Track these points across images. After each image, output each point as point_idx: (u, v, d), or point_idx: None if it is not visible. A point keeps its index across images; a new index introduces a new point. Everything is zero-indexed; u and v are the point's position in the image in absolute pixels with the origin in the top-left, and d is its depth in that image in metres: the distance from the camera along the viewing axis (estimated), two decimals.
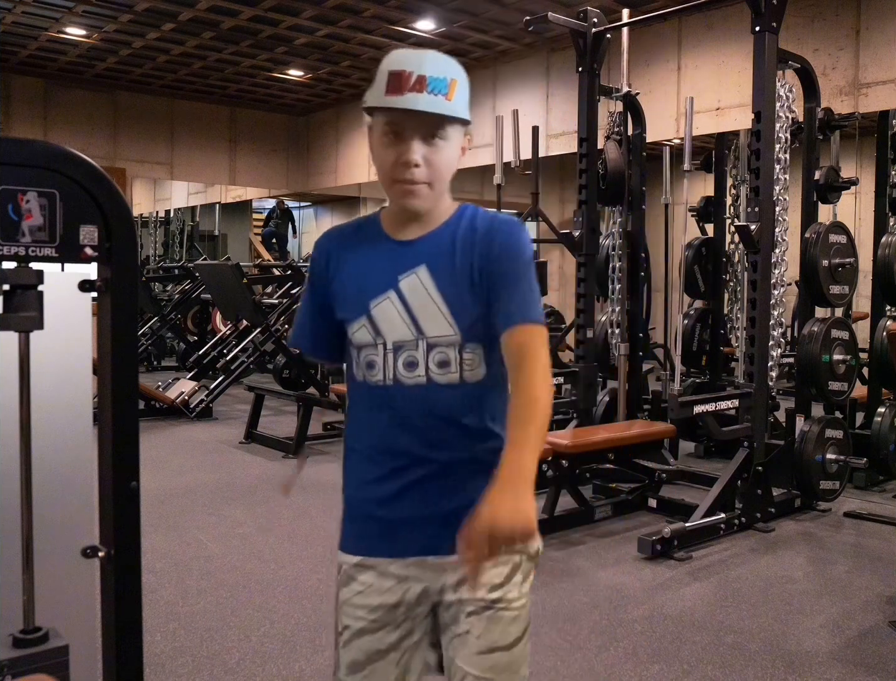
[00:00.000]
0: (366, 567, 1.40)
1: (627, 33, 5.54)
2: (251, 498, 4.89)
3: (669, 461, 5.06)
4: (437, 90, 1.29)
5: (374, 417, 1.40)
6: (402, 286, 1.36)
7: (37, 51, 9.07)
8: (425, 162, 1.32)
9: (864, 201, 7.76)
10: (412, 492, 1.37)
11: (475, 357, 1.37)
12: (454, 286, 1.36)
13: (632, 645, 2.97)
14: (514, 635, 1.38)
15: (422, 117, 1.30)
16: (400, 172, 1.32)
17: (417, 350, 1.35)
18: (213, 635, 2.99)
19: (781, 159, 4.63)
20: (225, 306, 8.63)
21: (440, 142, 1.32)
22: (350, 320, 1.39)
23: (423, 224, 1.39)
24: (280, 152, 11.88)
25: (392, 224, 1.41)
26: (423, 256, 1.37)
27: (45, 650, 1.43)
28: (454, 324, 1.35)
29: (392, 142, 1.32)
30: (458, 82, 1.33)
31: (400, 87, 1.29)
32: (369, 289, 1.38)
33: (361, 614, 1.39)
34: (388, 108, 1.31)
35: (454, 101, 1.32)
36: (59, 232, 1.42)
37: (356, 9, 7.56)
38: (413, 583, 1.38)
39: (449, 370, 1.35)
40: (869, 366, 5.69)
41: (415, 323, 1.35)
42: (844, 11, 6.52)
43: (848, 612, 3.29)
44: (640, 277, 5.64)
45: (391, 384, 1.36)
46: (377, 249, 1.41)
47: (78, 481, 1.62)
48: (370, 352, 1.37)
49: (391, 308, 1.36)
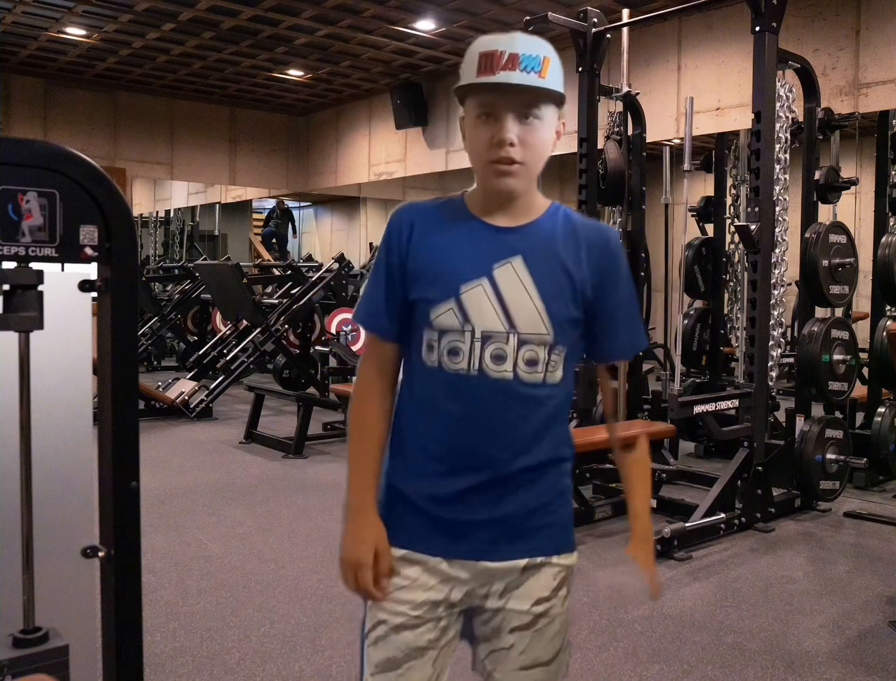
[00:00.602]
0: (411, 562, 1.34)
1: (627, 33, 5.54)
2: (251, 498, 4.89)
3: (669, 461, 5.06)
4: (530, 67, 1.25)
5: (443, 407, 1.32)
6: (496, 274, 1.30)
7: (37, 51, 9.07)
8: (520, 141, 1.27)
9: (864, 201, 7.76)
10: (474, 493, 1.32)
11: (559, 359, 1.33)
12: (551, 284, 1.31)
13: (632, 645, 2.96)
14: (555, 649, 1.39)
15: (516, 94, 1.26)
16: (494, 152, 1.27)
17: (507, 344, 1.30)
18: (213, 635, 2.99)
19: (781, 159, 4.63)
20: (225, 306, 8.62)
21: (535, 121, 1.28)
22: (434, 302, 1.31)
23: (515, 213, 1.34)
24: (280, 152, 11.88)
25: (483, 209, 1.34)
26: (519, 246, 1.32)
27: (45, 650, 1.43)
28: (549, 323, 1.31)
29: (485, 122, 1.28)
30: (551, 61, 1.28)
31: (492, 66, 1.25)
32: (460, 272, 1.31)
33: (403, 609, 1.33)
34: (482, 86, 1.27)
35: (548, 79, 1.27)
36: (59, 232, 1.42)
37: (356, 9, 7.56)
38: (459, 584, 1.34)
39: (536, 369, 1.31)
40: (869, 366, 5.69)
41: (507, 315, 1.30)
42: (844, 11, 6.52)
43: (848, 612, 3.29)
44: (640, 277, 5.64)
45: (475, 374, 1.30)
46: (468, 231, 1.34)
47: (78, 481, 1.62)
48: (455, 338, 1.30)
49: (483, 296, 1.30)
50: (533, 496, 1.34)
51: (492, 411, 1.31)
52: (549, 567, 1.37)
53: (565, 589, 1.40)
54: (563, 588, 1.39)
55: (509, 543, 1.34)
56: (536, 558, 1.36)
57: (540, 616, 1.35)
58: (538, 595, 1.35)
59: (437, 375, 1.32)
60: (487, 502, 1.32)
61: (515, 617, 1.35)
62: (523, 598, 1.35)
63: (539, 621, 1.36)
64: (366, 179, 11.09)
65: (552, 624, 1.37)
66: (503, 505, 1.33)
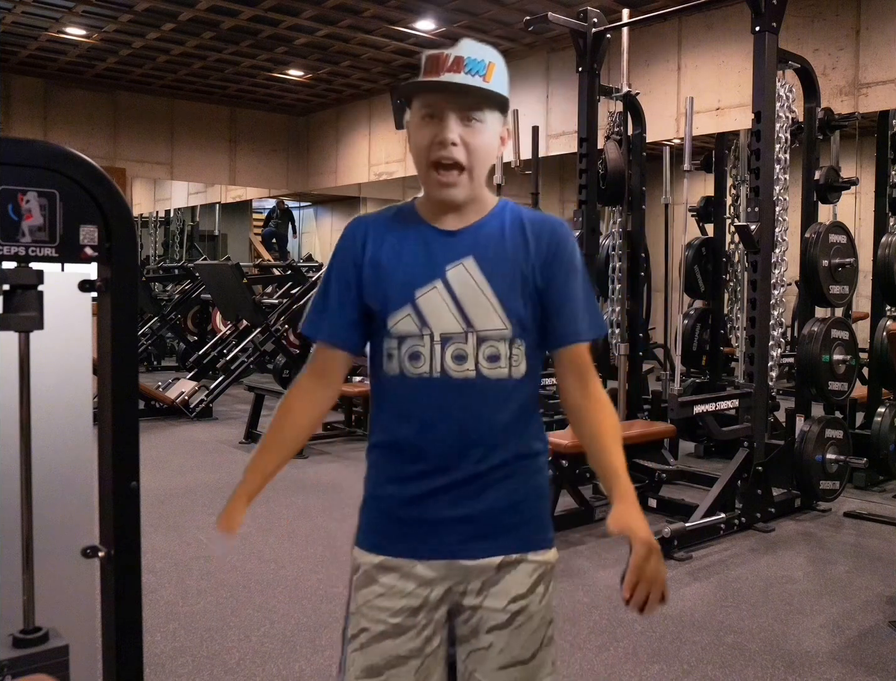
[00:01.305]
0: (388, 568, 1.35)
1: (627, 33, 5.54)
2: None
3: (669, 461, 5.06)
4: (474, 71, 1.28)
5: (409, 412, 1.34)
6: (449, 277, 1.32)
7: (37, 51, 9.07)
8: (463, 143, 1.29)
9: (864, 201, 7.76)
10: (445, 492, 1.33)
11: (520, 352, 1.34)
12: (504, 280, 1.33)
13: (632, 645, 2.96)
14: (534, 648, 1.37)
15: (459, 95, 1.28)
16: (436, 152, 1.29)
17: (467, 343, 1.31)
18: (213, 635, 2.99)
19: (781, 159, 4.63)
20: (225, 306, 8.62)
21: (478, 124, 1.30)
22: (391, 310, 1.33)
23: (464, 215, 1.36)
24: (280, 152, 11.88)
25: (431, 213, 1.37)
26: (470, 246, 1.34)
27: (45, 650, 1.43)
28: (505, 318, 1.32)
29: (429, 123, 1.30)
30: (496, 66, 1.31)
31: (437, 68, 1.28)
32: (414, 278, 1.33)
33: (383, 617, 1.34)
34: (426, 86, 1.29)
35: (492, 84, 1.30)
36: (59, 232, 1.42)
37: (356, 9, 7.56)
38: (437, 585, 1.34)
39: (499, 365, 1.32)
40: (869, 366, 5.69)
41: (464, 315, 1.31)
42: (844, 11, 6.52)
43: (848, 612, 3.29)
44: (640, 277, 5.64)
45: (438, 376, 1.31)
46: (419, 237, 1.36)
47: (78, 481, 1.62)
48: (415, 343, 1.32)
49: (438, 299, 1.32)
50: (504, 494, 1.35)
51: (458, 411, 1.32)
52: (525, 564, 1.37)
53: (543, 586, 1.39)
54: (541, 585, 1.38)
55: (482, 540, 1.34)
56: (511, 555, 1.36)
57: (517, 614, 1.35)
58: (514, 592, 1.35)
59: (400, 382, 1.34)
60: (459, 501, 1.33)
61: (492, 616, 1.35)
62: (500, 595, 1.35)
63: (516, 619, 1.35)
64: (366, 179, 11.09)
65: (530, 622, 1.36)
66: (475, 503, 1.33)
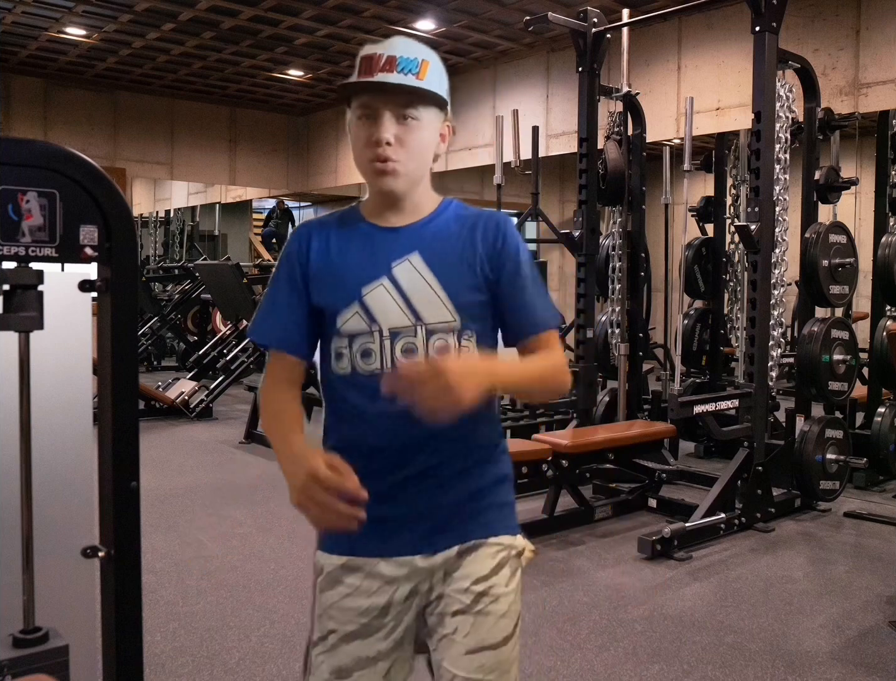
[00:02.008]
0: (352, 568, 1.35)
1: (627, 33, 5.54)
2: (251, 498, 4.89)
3: (669, 461, 5.06)
4: (407, 69, 1.29)
5: (362, 411, 1.34)
6: (395, 272, 1.34)
7: (37, 51, 9.06)
8: (397, 141, 1.30)
9: (864, 201, 7.76)
10: (405, 488, 1.33)
11: (471, 344, 1.35)
12: (451, 273, 1.34)
13: (632, 645, 2.96)
14: (503, 633, 1.34)
15: (392, 95, 1.29)
16: (371, 151, 1.31)
17: (416, 337, 1.32)
18: (213, 635, 2.99)
19: (781, 159, 4.63)
20: (225, 306, 8.62)
21: (412, 121, 1.31)
22: (339, 309, 1.34)
23: (407, 213, 1.37)
24: (280, 152, 11.88)
25: (375, 213, 1.39)
26: (415, 242, 1.35)
27: (45, 650, 1.43)
28: (454, 310, 1.33)
29: (365, 123, 1.31)
30: (430, 64, 1.32)
31: (370, 68, 1.30)
32: (360, 276, 1.34)
33: (350, 617, 1.34)
34: (360, 87, 1.31)
35: (426, 81, 1.31)
36: (59, 232, 1.42)
37: (356, 9, 7.56)
38: (402, 583, 1.34)
39: None
40: (869, 366, 5.69)
41: (412, 309, 1.32)
42: (844, 11, 6.52)
43: (848, 612, 3.29)
44: (640, 277, 5.64)
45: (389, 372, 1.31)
46: (364, 236, 1.38)
47: (78, 481, 1.62)
48: (366, 340, 1.33)
49: (385, 294, 1.33)
50: (463, 486, 1.35)
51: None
52: (485, 547, 1.36)
53: (508, 569, 1.37)
54: (506, 568, 1.36)
55: (441, 533, 1.34)
56: (469, 542, 1.35)
57: (481, 595, 1.33)
58: (476, 574, 1.34)
59: (351, 380, 1.34)
60: (420, 495, 1.33)
61: (456, 600, 1.33)
62: (461, 578, 1.34)
63: (481, 601, 1.33)
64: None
65: (496, 604, 1.33)
66: (437, 497, 1.34)
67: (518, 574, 1.39)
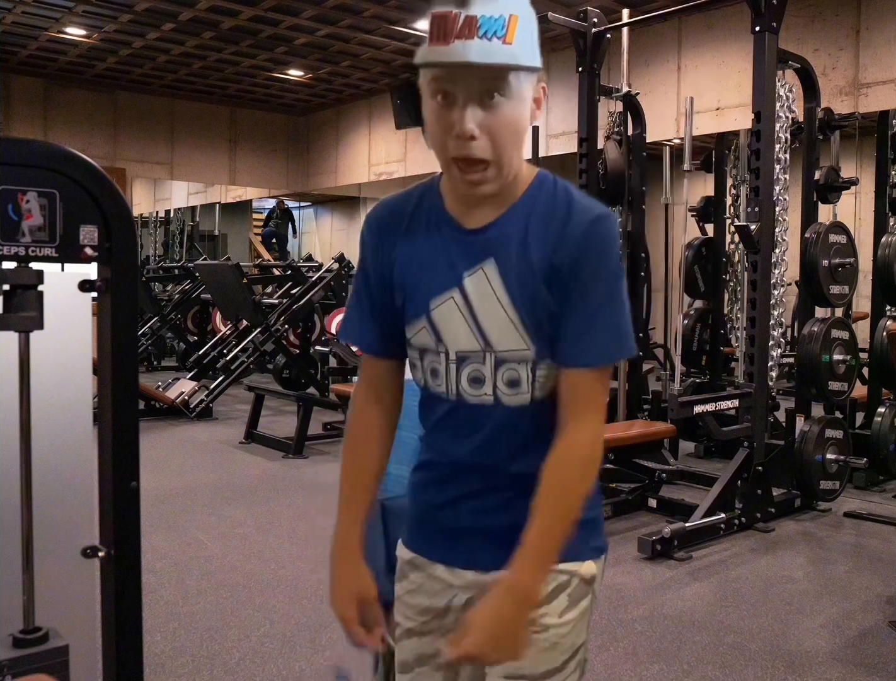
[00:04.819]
0: (416, 566, 1.32)
1: (627, 33, 5.54)
2: (251, 498, 4.89)
3: (669, 461, 5.06)
4: (491, 32, 1.02)
5: (433, 422, 1.27)
6: (466, 285, 1.15)
7: (37, 51, 9.07)
8: (485, 131, 1.07)
9: (864, 201, 7.76)
10: (467, 502, 1.26)
11: (549, 373, 1.16)
12: (525, 287, 1.13)
13: (632, 645, 2.96)
14: (546, 666, 1.21)
15: (475, 72, 1.04)
16: (455, 148, 1.08)
17: (484, 364, 1.16)
18: (213, 635, 2.99)
19: (781, 159, 4.63)
20: (225, 306, 8.62)
21: (502, 100, 1.06)
22: (409, 320, 1.20)
23: (490, 206, 1.15)
24: (280, 152, 11.88)
25: (455, 202, 1.18)
26: (492, 247, 1.14)
27: (45, 650, 1.43)
28: (526, 336, 1.14)
29: (441, 106, 1.08)
30: (518, 19, 1.04)
31: (445, 33, 1.03)
32: (430, 284, 1.17)
33: (411, 613, 1.31)
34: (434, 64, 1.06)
35: (515, 44, 1.04)
36: (59, 232, 1.42)
37: (356, 9, 7.56)
38: (459, 592, 1.29)
39: (520, 390, 1.17)
40: (869, 366, 5.68)
41: (481, 332, 1.15)
42: (844, 11, 6.52)
43: (848, 612, 3.29)
44: (640, 277, 5.64)
45: (454, 399, 1.20)
46: (438, 234, 1.18)
47: (78, 481, 1.62)
48: (433, 359, 1.20)
49: (455, 311, 1.16)
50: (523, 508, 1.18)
51: (473, 434, 1.22)
52: None
53: (565, 598, 1.22)
54: (563, 596, 1.22)
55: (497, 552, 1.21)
56: None
57: None
58: None
59: (425, 391, 1.27)
60: (479, 511, 1.25)
61: None
62: None
63: None
64: (366, 179, 11.09)
65: (544, 634, 1.21)
66: (495, 515, 1.24)
67: (581, 604, 1.24)
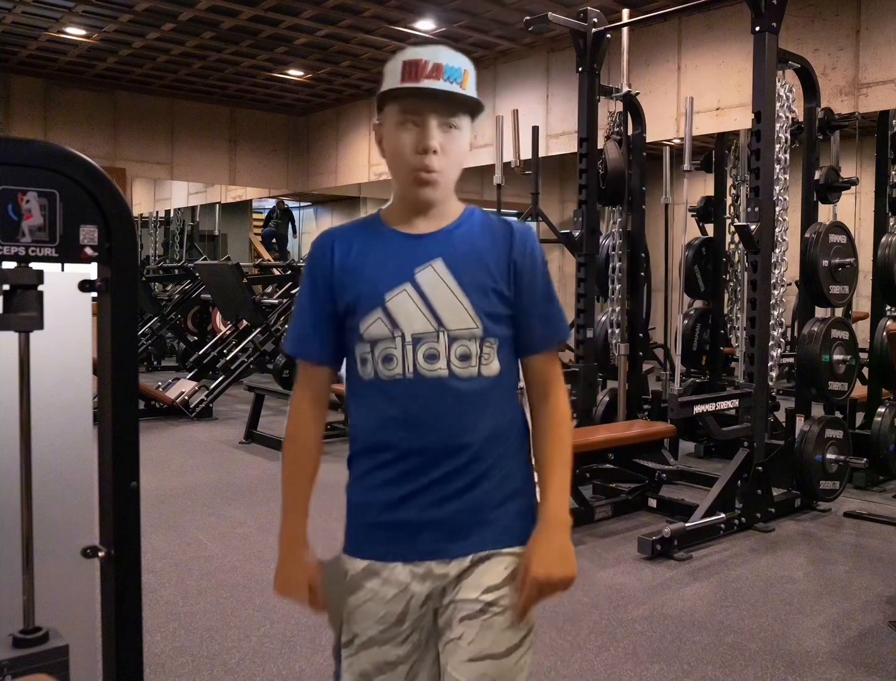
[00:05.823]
0: (372, 573, 1.36)
1: (627, 33, 5.54)
2: (251, 498, 4.89)
3: (669, 461, 5.06)
4: (452, 78, 1.30)
5: (384, 416, 1.35)
6: (418, 278, 1.34)
7: (37, 51, 9.07)
8: (442, 150, 1.31)
9: (864, 201, 7.76)
10: (421, 495, 1.33)
11: (491, 352, 1.36)
12: (474, 280, 1.35)
13: (632, 645, 2.96)
14: (508, 644, 1.34)
15: (439, 102, 1.30)
16: (418, 160, 1.31)
17: (438, 342, 1.33)
18: (213, 635, 2.99)
19: (781, 159, 4.63)
20: (225, 306, 8.63)
21: (455, 131, 1.33)
22: (362, 315, 1.35)
23: (432, 220, 1.38)
24: (280, 152, 11.88)
25: (400, 219, 1.39)
26: (438, 249, 1.36)
27: (45, 650, 1.43)
28: (476, 317, 1.34)
29: (409, 129, 1.31)
30: (470, 74, 1.34)
31: (417, 74, 1.29)
32: (383, 281, 1.35)
33: (369, 623, 1.35)
34: (405, 92, 1.30)
35: (469, 91, 1.33)
36: (59, 232, 1.42)
37: (356, 9, 7.56)
38: (416, 589, 1.34)
39: (470, 364, 1.34)
40: (869, 366, 5.69)
41: (434, 315, 1.33)
42: (844, 11, 6.52)
43: (848, 612, 3.29)
44: (640, 277, 5.64)
45: (411, 377, 1.33)
46: (387, 242, 1.38)
47: (78, 481, 1.62)
48: (387, 345, 1.33)
49: (408, 300, 1.33)
50: (481, 492, 1.35)
51: (431, 410, 1.33)
52: (499, 557, 1.36)
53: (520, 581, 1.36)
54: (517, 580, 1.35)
55: (456, 541, 1.35)
56: (483, 551, 1.35)
57: (489, 605, 1.33)
58: (487, 583, 1.34)
59: (375, 385, 1.35)
60: (435, 502, 1.33)
61: (465, 606, 1.34)
62: (472, 587, 1.34)
63: (489, 610, 1.33)
64: (366, 179, 11.09)
65: (503, 615, 1.33)
66: (451, 504, 1.34)
67: None
